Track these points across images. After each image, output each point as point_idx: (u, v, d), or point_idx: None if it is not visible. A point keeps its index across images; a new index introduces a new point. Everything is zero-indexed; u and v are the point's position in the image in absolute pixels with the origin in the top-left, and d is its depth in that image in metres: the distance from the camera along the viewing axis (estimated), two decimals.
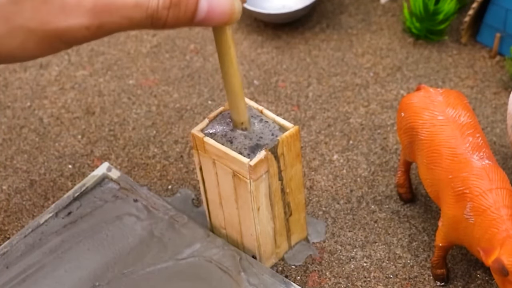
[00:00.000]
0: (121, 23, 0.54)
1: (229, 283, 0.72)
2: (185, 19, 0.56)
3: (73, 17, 0.53)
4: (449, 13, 0.93)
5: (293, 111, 0.90)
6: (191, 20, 0.57)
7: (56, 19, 0.53)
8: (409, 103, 0.73)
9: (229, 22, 0.59)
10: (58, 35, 0.53)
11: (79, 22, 0.53)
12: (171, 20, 0.55)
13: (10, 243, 0.76)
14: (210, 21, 0.57)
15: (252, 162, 0.67)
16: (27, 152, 0.88)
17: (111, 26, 0.54)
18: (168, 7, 0.55)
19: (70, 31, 0.53)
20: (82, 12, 0.53)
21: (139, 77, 0.95)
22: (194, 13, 0.56)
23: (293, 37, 0.98)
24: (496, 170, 0.68)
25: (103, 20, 0.53)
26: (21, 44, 0.53)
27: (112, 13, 0.53)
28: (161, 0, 0.54)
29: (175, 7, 0.55)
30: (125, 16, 0.54)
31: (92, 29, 0.54)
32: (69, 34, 0.53)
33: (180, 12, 0.55)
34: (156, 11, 0.55)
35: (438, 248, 0.72)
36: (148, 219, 0.78)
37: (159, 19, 0.55)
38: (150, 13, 0.54)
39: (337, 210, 0.80)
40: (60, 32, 0.53)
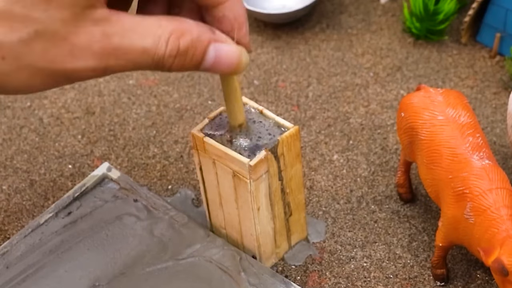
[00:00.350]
0: (127, 66, 0.55)
1: (229, 283, 0.72)
2: (191, 66, 0.57)
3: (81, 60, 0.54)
4: (449, 13, 0.93)
5: (293, 111, 0.90)
6: (197, 67, 0.58)
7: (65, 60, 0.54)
8: (409, 103, 0.73)
9: (235, 73, 0.60)
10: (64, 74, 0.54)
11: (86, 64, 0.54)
12: (176, 66, 0.57)
13: (10, 243, 0.76)
14: (216, 70, 0.59)
15: (252, 162, 0.67)
16: (27, 152, 0.88)
17: (117, 68, 0.55)
18: (175, 56, 0.56)
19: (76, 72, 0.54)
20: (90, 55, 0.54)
21: (139, 77, 0.95)
22: (201, 62, 0.58)
23: (293, 37, 0.98)
24: (496, 170, 0.68)
25: (110, 63, 0.55)
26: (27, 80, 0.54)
27: (119, 57, 0.55)
28: (169, 49, 0.55)
29: (181, 56, 0.56)
30: (132, 61, 0.55)
31: (98, 71, 0.55)
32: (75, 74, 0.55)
33: (186, 60, 0.57)
34: (163, 59, 0.56)
35: (438, 248, 0.72)
36: (148, 219, 0.78)
37: (164, 65, 0.56)
38: (156, 59, 0.56)
39: (337, 210, 0.80)
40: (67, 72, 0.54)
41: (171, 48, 0.56)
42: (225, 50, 0.58)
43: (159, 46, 0.55)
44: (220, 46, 0.58)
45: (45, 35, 0.53)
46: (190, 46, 0.56)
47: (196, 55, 0.57)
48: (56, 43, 0.53)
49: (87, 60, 0.54)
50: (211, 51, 0.58)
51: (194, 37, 0.56)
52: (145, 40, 0.55)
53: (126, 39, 0.54)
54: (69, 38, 0.53)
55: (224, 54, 0.58)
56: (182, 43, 0.56)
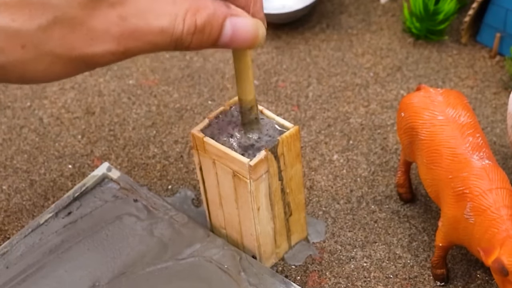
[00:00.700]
0: (146, 48, 0.55)
1: (229, 283, 0.72)
2: (208, 43, 0.57)
3: (99, 44, 0.54)
4: (449, 13, 0.93)
5: (293, 111, 0.90)
6: (214, 44, 0.57)
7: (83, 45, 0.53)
8: (409, 103, 0.73)
9: (252, 46, 0.59)
10: (83, 60, 0.54)
11: (105, 48, 0.54)
12: (194, 44, 0.56)
13: (10, 243, 0.76)
14: (233, 45, 0.58)
15: (252, 162, 0.67)
16: (27, 152, 0.88)
17: (136, 50, 0.55)
18: (193, 33, 0.55)
19: (96, 56, 0.54)
20: (109, 39, 0.54)
21: (139, 77, 0.95)
22: (218, 37, 0.57)
23: (293, 37, 0.98)
24: (496, 170, 0.68)
25: (129, 46, 0.54)
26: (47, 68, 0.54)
27: (138, 39, 0.54)
28: (186, 27, 0.55)
29: (199, 32, 0.56)
30: (150, 42, 0.55)
31: (117, 54, 0.55)
32: (94, 59, 0.54)
33: (204, 36, 0.56)
34: (181, 37, 0.55)
35: (438, 248, 0.72)
36: (148, 219, 0.78)
37: (183, 43, 0.56)
38: (175, 38, 0.55)
39: (337, 210, 0.80)
40: (86, 57, 0.54)
41: (189, 26, 0.55)
42: (241, 24, 0.57)
43: (176, 25, 0.55)
44: (237, 20, 0.57)
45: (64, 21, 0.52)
46: (207, 22, 0.56)
47: (213, 31, 0.56)
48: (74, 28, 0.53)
49: (106, 44, 0.54)
50: (227, 26, 0.57)
51: (210, 13, 0.56)
52: (162, 20, 0.54)
53: (143, 20, 0.54)
54: (87, 23, 0.53)
55: (241, 27, 0.57)
56: (199, 20, 0.55)
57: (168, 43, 0.55)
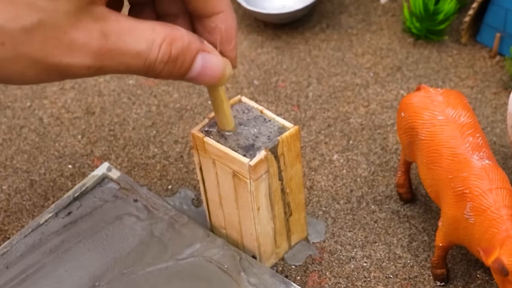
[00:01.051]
0: (119, 68, 0.56)
1: (229, 283, 0.72)
2: (178, 74, 0.58)
3: (77, 56, 0.54)
4: (449, 13, 0.93)
5: (293, 111, 0.90)
6: (183, 76, 0.59)
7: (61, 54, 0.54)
8: (409, 103, 0.73)
9: (217, 84, 0.62)
10: (58, 69, 0.55)
11: (82, 61, 0.55)
12: (164, 73, 0.58)
13: (10, 243, 0.76)
14: (199, 81, 0.60)
15: (252, 162, 0.67)
16: (27, 152, 0.88)
17: (109, 69, 0.56)
18: (166, 62, 0.57)
19: (71, 67, 0.55)
20: (87, 52, 0.54)
21: (139, 77, 0.95)
22: (188, 70, 0.59)
23: (293, 37, 0.98)
24: (496, 170, 0.68)
25: (104, 63, 0.55)
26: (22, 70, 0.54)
27: (113, 58, 0.55)
28: (161, 54, 0.56)
29: (172, 62, 0.57)
30: (124, 63, 0.56)
31: (92, 70, 0.55)
32: (69, 70, 0.55)
33: (175, 67, 0.58)
34: (154, 64, 0.57)
35: (438, 248, 0.72)
36: (148, 219, 0.78)
37: (154, 70, 0.57)
38: (148, 64, 0.56)
39: (337, 210, 0.80)
40: (61, 66, 0.55)
41: (163, 54, 0.56)
42: (211, 61, 0.59)
43: (152, 51, 0.56)
44: (207, 56, 0.59)
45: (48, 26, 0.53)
46: (180, 53, 0.57)
47: (185, 63, 0.58)
48: (56, 35, 0.53)
49: (83, 57, 0.54)
50: (198, 61, 0.59)
51: (185, 45, 0.57)
52: (140, 43, 0.55)
53: (122, 41, 0.55)
54: (69, 33, 0.53)
55: (210, 65, 0.59)
56: (174, 50, 0.57)
57: (140, 67, 0.56)
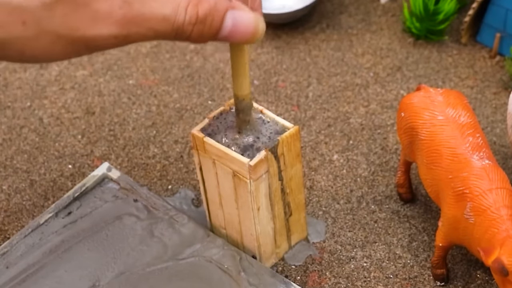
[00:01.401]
0: (147, 34, 0.55)
1: (229, 283, 0.72)
2: (209, 34, 0.57)
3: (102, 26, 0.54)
4: (449, 13, 0.93)
5: (293, 111, 0.90)
6: (214, 36, 0.58)
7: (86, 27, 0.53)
8: (409, 103, 0.73)
9: (251, 41, 0.59)
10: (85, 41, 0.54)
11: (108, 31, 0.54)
12: (195, 35, 0.56)
13: (10, 243, 0.76)
14: (233, 39, 0.58)
15: (252, 162, 0.67)
16: (27, 152, 0.88)
17: (137, 36, 0.55)
18: (194, 23, 0.56)
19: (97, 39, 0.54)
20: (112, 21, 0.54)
21: (139, 77, 0.95)
22: (219, 30, 0.57)
23: (293, 37, 0.98)
24: (496, 170, 0.68)
25: (131, 30, 0.54)
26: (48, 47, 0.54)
27: (140, 24, 0.54)
28: (188, 16, 0.55)
29: (200, 23, 0.56)
30: (152, 28, 0.55)
31: (119, 39, 0.55)
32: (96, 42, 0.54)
33: (205, 28, 0.57)
34: (182, 26, 0.56)
35: (438, 248, 0.72)
36: (148, 219, 0.78)
37: (183, 33, 0.56)
38: (176, 27, 0.55)
39: (337, 210, 0.80)
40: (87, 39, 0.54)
41: (190, 15, 0.55)
42: (242, 18, 0.58)
43: (178, 13, 0.55)
44: (237, 13, 0.58)
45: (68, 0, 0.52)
46: (208, 13, 0.56)
47: (214, 23, 0.57)
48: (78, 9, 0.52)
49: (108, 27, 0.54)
50: (228, 19, 0.57)
51: (212, 4, 0.56)
52: (165, 8, 0.55)
53: (147, 7, 0.54)
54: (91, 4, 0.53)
55: (241, 21, 0.58)
56: (201, 10, 0.56)
57: (169, 31, 0.55)
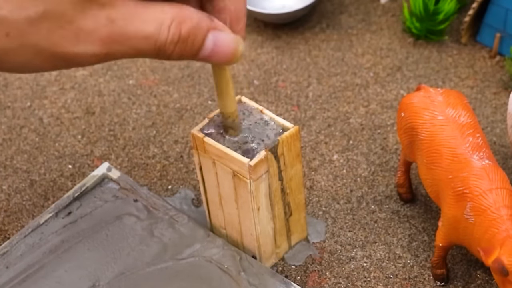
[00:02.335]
0: (129, 52, 0.55)
1: (229, 283, 0.72)
2: (189, 54, 0.57)
3: (84, 44, 0.54)
4: (449, 13, 0.93)
5: (293, 111, 0.90)
6: (195, 55, 0.58)
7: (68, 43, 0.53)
8: (409, 103, 0.73)
9: (230, 62, 0.60)
10: (65, 57, 0.54)
11: (89, 49, 0.54)
12: (176, 53, 0.57)
13: (10, 243, 0.76)
14: (212, 59, 0.59)
15: (252, 162, 0.67)
16: (27, 152, 0.88)
17: (118, 54, 0.55)
18: (176, 42, 0.56)
19: (78, 56, 0.54)
20: (94, 39, 0.54)
21: (139, 77, 0.95)
22: (199, 49, 0.58)
23: (293, 37, 0.98)
24: (496, 170, 0.68)
25: (113, 49, 0.55)
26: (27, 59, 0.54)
27: (122, 43, 0.54)
28: (170, 35, 0.55)
29: (182, 42, 0.56)
30: (133, 47, 0.55)
31: (100, 57, 0.55)
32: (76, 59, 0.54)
33: (186, 47, 0.57)
34: (164, 45, 0.56)
35: (438, 248, 0.72)
36: (148, 219, 0.78)
37: (165, 51, 0.56)
38: (158, 46, 0.56)
39: (337, 210, 0.80)
40: (68, 55, 0.54)
41: (173, 35, 0.55)
42: (223, 39, 0.58)
43: (161, 32, 0.55)
44: (219, 34, 0.58)
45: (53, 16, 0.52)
46: (191, 32, 0.56)
47: (196, 42, 0.57)
48: (62, 25, 0.52)
49: (90, 45, 0.54)
50: (209, 39, 0.57)
51: (195, 24, 0.56)
52: (148, 26, 0.55)
53: (130, 25, 0.54)
54: (76, 22, 0.53)
55: (222, 42, 0.58)
56: (184, 30, 0.56)
57: (151, 50, 0.56)
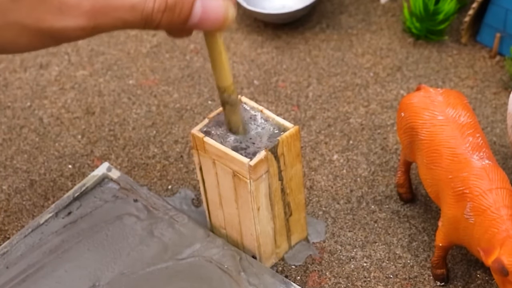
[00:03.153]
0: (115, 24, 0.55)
1: (229, 283, 0.72)
2: (178, 22, 0.57)
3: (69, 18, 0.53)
4: (449, 13, 0.93)
5: (293, 111, 0.90)
6: (184, 24, 0.57)
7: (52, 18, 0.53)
8: (409, 103, 0.73)
9: (221, 28, 0.59)
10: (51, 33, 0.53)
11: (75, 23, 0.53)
12: (164, 22, 0.56)
13: (10, 243, 0.76)
14: (203, 26, 0.58)
15: (252, 162, 0.67)
16: (27, 152, 0.88)
17: (105, 27, 0.55)
18: (163, 11, 0.55)
19: (64, 31, 0.54)
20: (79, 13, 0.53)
21: (139, 77, 0.95)
22: (188, 17, 0.57)
23: (293, 37, 0.98)
24: (496, 170, 0.68)
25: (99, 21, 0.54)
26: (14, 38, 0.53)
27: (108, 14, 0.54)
28: (157, 4, 0.55)
29: (169, 11, 0.56)
30: (120, 18, 0.54)
31: (87, 30, 0.54)
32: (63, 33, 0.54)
33: (174, 15, 0.56)
34: (151, 14, 0.55)
35: (438, 248, 0.72)
36: (148, 219, 0.78)
37: (152, 21, 0.56)
38: (145, 15, 0.55)
39: (337, 210, 0.80)
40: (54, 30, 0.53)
41: (159, 3, 0.55)
42: (211, 4, 0.57)
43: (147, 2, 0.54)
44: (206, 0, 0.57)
45: None
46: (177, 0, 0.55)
47: (183, 10, 0.56)
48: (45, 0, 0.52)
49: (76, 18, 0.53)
50: (197, 5, 0.57)
51: None
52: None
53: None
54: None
55: (210, 8, 0.57)
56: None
57: (138, 20, 0.55)
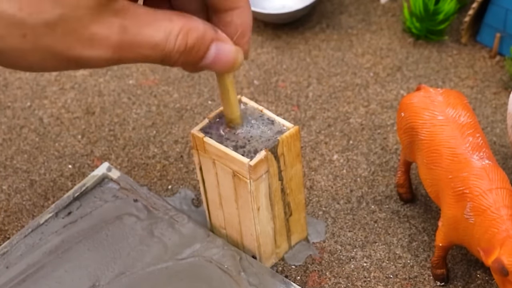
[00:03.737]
0: (137, 58, 0.57)
1: (229, 283, 0.72)
2: (192, 62, 0.59)
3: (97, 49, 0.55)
4: (449, 13, 0.93)
5: (293, 111, 0.90)
6: (197, 63, 0.60)
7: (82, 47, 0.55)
8: (409, 103, 0.73)
9: (229, 71, 0.63)
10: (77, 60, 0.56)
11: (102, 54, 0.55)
12: (180, 62, 0.59)
13: (10, 243, 0.76)
14: (214, 67, 0.61)
15: (252, 162, 0.67)
16: (27, 152, 0.88)
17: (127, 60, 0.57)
18: (182, 52, 0.58)
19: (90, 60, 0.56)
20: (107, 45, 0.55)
21: (139, 77, 0.95)
22: (202, 58, 0.60)
23: (293, 37, 0.98)
24: (496, 170, 0.68)
25: (123, 55, 0.56)
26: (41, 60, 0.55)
27: (132, 49, 0.56)
28: (177, 45, 0.57)
29: (187, 52, 0.58)
30: (142, 54, 0.57)
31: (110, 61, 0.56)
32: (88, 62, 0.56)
33: (190, 56, 0.59)
34: (170, 54, 0.57)
35: (438, 248, 0.72)
36: (148, 219, 0.78)
37: (170, 59, 0.58)
38: (164, 54, 0.57)
39: (337, 210, 0.80)
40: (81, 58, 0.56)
41: (179, 45, 0.57)
42: (224, 49, 0.60)
43: (168, 41, 0.57)
44: (221, 45, 0.60)
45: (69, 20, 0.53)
46: (196, 43, 0.58)
47: (199, 52, 0.59)
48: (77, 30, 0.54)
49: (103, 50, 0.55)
50: (212, 49, 0.60)
51: (200, 35, 0.58)
52: (157, 35, 0.56)
53: (141, 34, 0.56)
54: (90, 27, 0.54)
55: (223, 52, 0.60)
56: (190, 40, 0.58)
57: (158, 57, 0.57)
